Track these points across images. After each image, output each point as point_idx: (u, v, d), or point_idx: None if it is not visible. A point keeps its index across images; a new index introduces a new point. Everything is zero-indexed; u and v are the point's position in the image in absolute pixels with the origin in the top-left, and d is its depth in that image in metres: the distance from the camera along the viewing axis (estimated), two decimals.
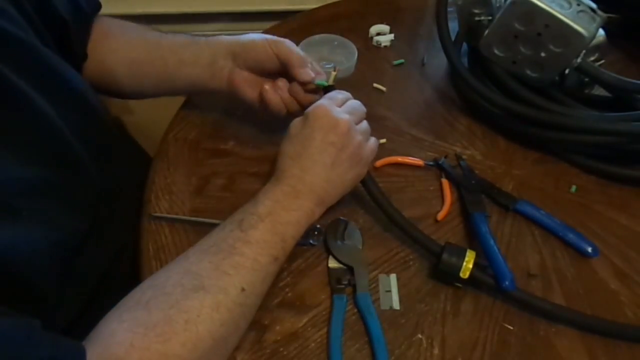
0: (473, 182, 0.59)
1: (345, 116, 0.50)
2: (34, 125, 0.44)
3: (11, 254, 0.38)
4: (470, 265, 0.48)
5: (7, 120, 0.41)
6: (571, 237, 0.54)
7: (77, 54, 0.58)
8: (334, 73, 0.57)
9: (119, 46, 0.62)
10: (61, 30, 0.54)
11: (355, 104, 0.53)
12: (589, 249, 0.53)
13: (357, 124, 0.51)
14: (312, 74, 0.55)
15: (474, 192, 0.58)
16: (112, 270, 0.53)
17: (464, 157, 0.62)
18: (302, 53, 0.56)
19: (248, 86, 0.58)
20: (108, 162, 0.54)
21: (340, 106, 0.51)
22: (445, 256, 0.48)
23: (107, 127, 0.58)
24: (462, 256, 0.48)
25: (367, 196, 0.57)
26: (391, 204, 0.52)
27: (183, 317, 0.39)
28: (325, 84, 0.55)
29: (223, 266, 0.43)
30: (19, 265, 0.38)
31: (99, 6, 0.63)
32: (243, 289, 0.43)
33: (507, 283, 0.47)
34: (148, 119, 0.81)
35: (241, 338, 0.46)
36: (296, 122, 0.50)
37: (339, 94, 0.53)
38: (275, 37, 0.57)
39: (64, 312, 0.46)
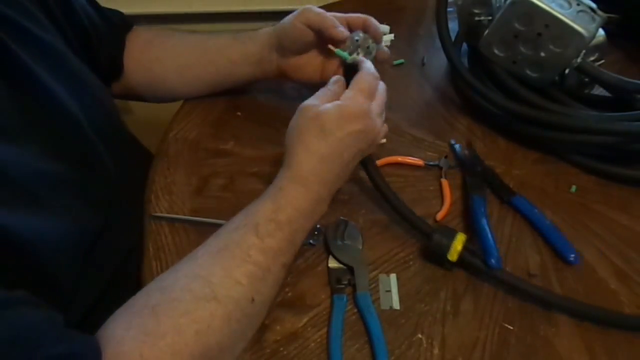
0: (479, 168, 0.60)
1: (379, 122, 0.48)
2: (61, 122, 0.46)
3: (35, 241, 0.38)
4: (460, 247, 0.49)
5: (36, 116, 0.44)
6: (556, 240, 0.54)
7: (102, 64, 0.60)
8: (355, 56, 0.54)
9: (165, 54, 0.65)
10: (84, 38, 0.57)
11: (383, 94, 0.50)
12: (571, 257, 0.52)
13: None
14: (346, 32, 0.55)
15: (477, 178, 0.59)
16: (124, 267, 0.53)
17: (475, 147, 0.63)
18: (330, 15, 0.56)
19: (298, 71, 0.61)
20: (124, 162, 0.55)
21: (372, 98, 0.49)
22: (436, 237, 0.49)
23: (122, 129, 0.60)
24: (452, 238, 0.49)
25: (367, 196, 0.57)
26: (387, 184, 0.52)
27: (193, 328, 0.38)
28: (347, 56, 0.53)
29: (236, 274, 0.41)
30: (41, 254, 0.39)
31: (130, 24, 0.66)
32: (253, 300, 0.42)
33: (493, 261, 0.48)
34: (148, 119, 0.81)
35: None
36: (331, 117, 0.45)
37: (374, 80, 0.50)
38: (302, 9, 0.57)
39: (78, 305, 0.46)
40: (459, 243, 0.49)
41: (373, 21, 0.57)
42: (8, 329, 0.32)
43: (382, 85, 0.51)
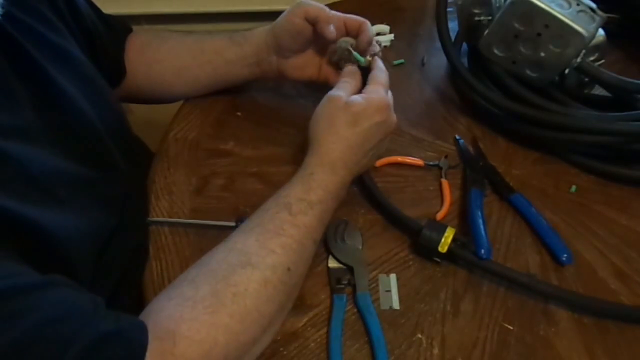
0: (481, 163, 0.61)
1: (394, 115, 0.53)
2: (76, 124, 0.48)
3: (58, 237, 0.40)
4: (449, 240, 0.49)
5: (54, 118, 0.45)
6: (550, 241, 0.54)
7: (105, 67, 0.60)
8: (369, 59, 0.56)
9: (162, 56, 0.65)
10: (89, 42, 0.58)
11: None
12: (564, 257, 0.52)
13: None
14: (334, 33, 0.56)
15: (478, 173, 0.60)
16: (133, 264, 0.54)
17: (479, 144, 0.63)
18: (329, 11, 0.56)
19: (298, 71, 0.62)
20: (133, 162, 0.57)
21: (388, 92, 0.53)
22: (425, 231, 0.50)
23: (130, 130, 0.62)
24: (442, 232, 0.49)
25: (367, 196, 0.57)
26: (375, 185, 0.55)
27: (231, 290, 0.40)
28: (362, 60, 0.55)
29: (270, 245, 0.44)
30: (64, 250, 0.41)
31: (129, 27, 0.67)
32: (289, 269, 0.44)
33: (483, 251, 0.49)
34: (148, 119, 0.81)
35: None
36: (362, 108, 0.49)
37: (386, 76, 0.54)
38: (296, 3, 0.57)
39: None
40: (448, 236, 0.49)
41: (368, 27, 0.57)
42: (56, 307, 0.34)
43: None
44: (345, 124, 0.49)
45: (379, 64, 0.55)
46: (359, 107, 0.49)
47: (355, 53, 0.56)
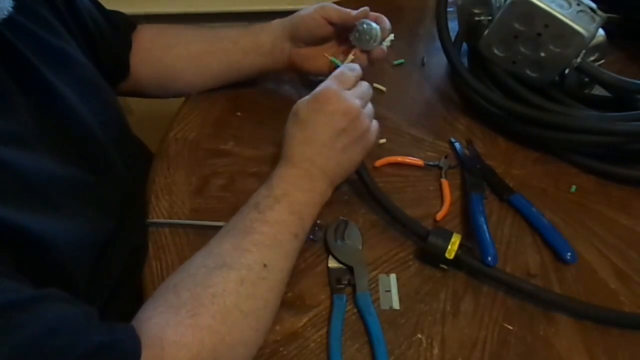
0: (478, 166, 0.61)
1: (356, 101, 0.50)
2: (74, 129, 0.48)
3: (54, 244, 0.40)
4: (456, 247, 0.49)
5: (51, 124, 0.45)
6: (554, 240, 0.54)
7: (108, 65, 0.60)
8: (351, 57, 0.60)
9: (176, 41, 0.66)
10: (89, 41, 0.57)
11: (364, 86, 0.53)
12: (568, 255, 0.52)
13: (363, 107, 0.51)
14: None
15: (476, 176, 0.59)
16: (131, 265, 0.54)
17: (475, 146, 0.63)
18: (347, 10, 0.59)
19: (308, 62, 0.63)
20: (132, 164, 0.57)
21: (350, 87, 0.52)
22: (431, 238, 0.50)
23: (129, 131, 0.62)
24: (448, 238, 0.49)
25: (367, 196, 0.57)
26: (379, 188, 0.54)
27: (210, 292, 0.41)
28: (340, 64, 0.58)
29: (243, 244, 0.44)
30: (59, 256, 0.41)
31: (134, 23, 0.67)
32: (265, 265, 0.44)
33: (489, 258, 0.49)
34: (148, 118, 0.81)
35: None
36: (303, 104, 0.50)
37: (350, 72, 0.53)
38: (320, 5, 0.60)
39: (90, 303, 0.47)
40: (454, 243, 0.49)
41: (383, 17, 0.60)
42: (49, 321, 0.34)
43: (365, 84, 0.54)
44: (292, 122, 0.50)
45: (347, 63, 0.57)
46: (301, 103, 0.50)
47: (333, 59, 0.60)
